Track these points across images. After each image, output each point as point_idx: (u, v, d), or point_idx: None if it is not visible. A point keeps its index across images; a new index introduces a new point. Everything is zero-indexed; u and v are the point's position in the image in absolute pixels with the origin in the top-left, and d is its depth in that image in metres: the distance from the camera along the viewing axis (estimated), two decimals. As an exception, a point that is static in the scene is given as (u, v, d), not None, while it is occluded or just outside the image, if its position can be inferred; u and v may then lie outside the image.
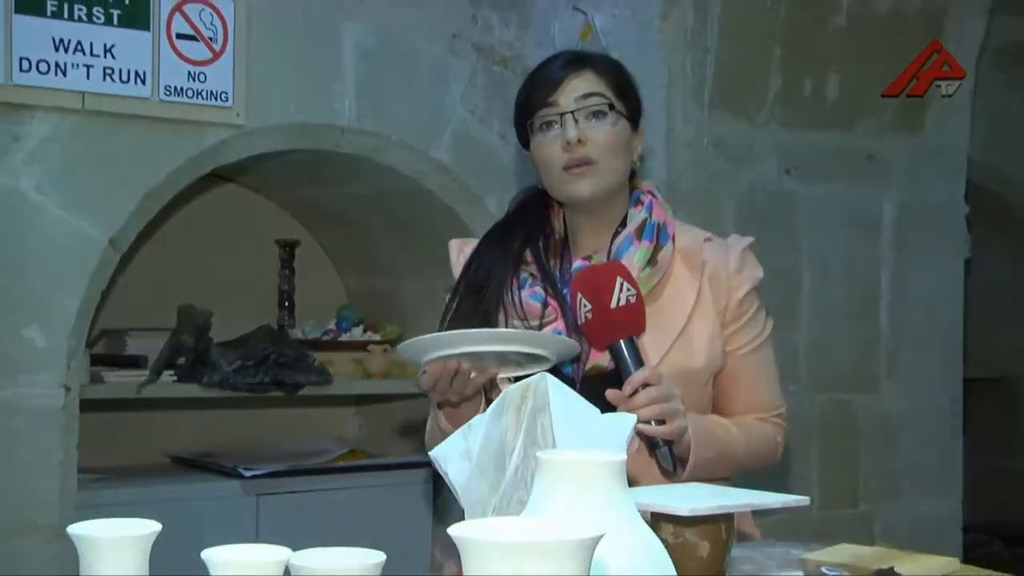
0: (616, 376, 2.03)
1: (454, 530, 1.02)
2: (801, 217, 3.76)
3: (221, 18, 3.50)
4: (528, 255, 2.26)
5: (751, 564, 1.89)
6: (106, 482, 3.82)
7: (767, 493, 1.83)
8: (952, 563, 1.74)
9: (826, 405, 3.80)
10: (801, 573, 1.82)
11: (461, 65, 3.88)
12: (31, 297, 3.31)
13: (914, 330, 3.98)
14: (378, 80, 3.77)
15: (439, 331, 2.18)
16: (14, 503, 3.28)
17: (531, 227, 2.30)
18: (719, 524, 1.65)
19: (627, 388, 1.95)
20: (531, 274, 2.24)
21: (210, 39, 3.49)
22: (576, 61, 2.23)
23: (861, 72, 3.81)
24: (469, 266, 2.31)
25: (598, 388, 1.97)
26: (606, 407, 1.88)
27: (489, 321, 2.20)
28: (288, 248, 4.51)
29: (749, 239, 2.31)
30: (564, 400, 1.51)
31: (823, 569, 1.80)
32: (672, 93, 3.51)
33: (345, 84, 3.71)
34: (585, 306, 2.03)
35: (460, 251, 2.37)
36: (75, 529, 1.11)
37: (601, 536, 1.00)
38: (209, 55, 3.49)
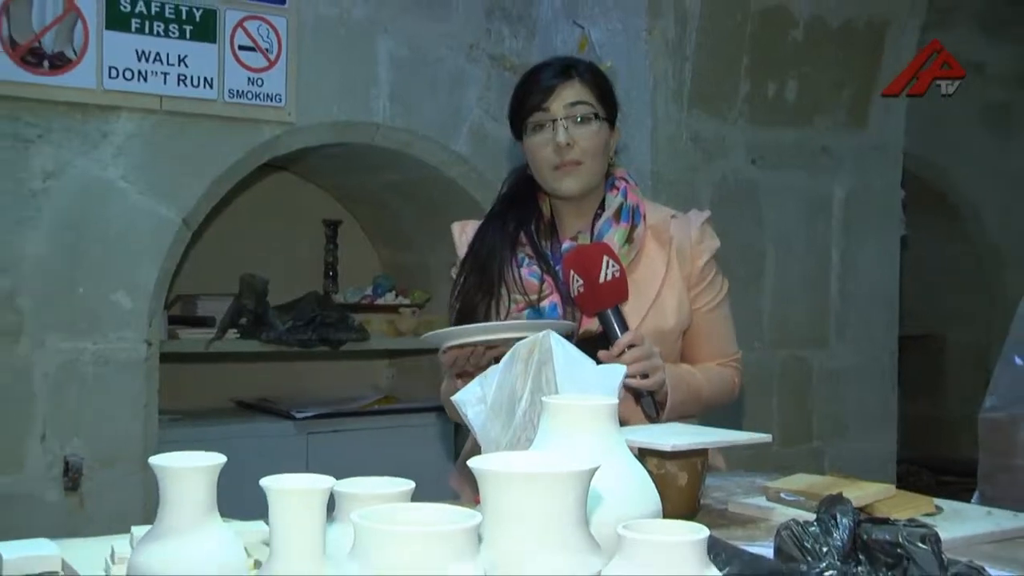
0: (603, 339, 2.05)
1: (473, 463, 1.02)
2: (765, 201, 3.76)
3: (276, 33, 3.51)
4: (522, 237, 2.25)
5: (721, 491, 1.89)
6: (181, 422, 3.83)
7: (736, 431, 1.84)
8: (889, 489, 1.75)
9: (785, 360, 3.80)
10: (764, 498, 1.81)
11: (477, 71, 3.87)
12: (118, 267, 3.33)
13: (858, 296, 3.98)
14: (407, 85, 3.77)
15: (450, 304, 2.27)
16: (106, 439, 3.31)
17: (522, 211, 2.28)
18: (695, 458, 1.64)
19: (615, 349, 1.98)
20: (527, 254, 2.23)
21: (266, 50, 3.50)
22: (565, 71, 2.21)
23: (816, 77, 3.80)
24: (472, 247, 2.30)
25: (589, 350, 1.91)
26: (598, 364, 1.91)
27: (494, 297, 2.21)
28: (332, 227, 4.51)
29: (706, 213, 2.32)
30: (565, 354, 1.50)
31: (782, 495, 1.79)
32: (656, 95, 3.50)
33: (379, 88, 3.71)
34: (577, 281, 2.05)
35: (462, 232, 2.38)
36: (155, 460, 1.11)
37: (597, 468, 1.00)
38: (266, 63, 3.49)
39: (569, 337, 2.05)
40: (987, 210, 5.24)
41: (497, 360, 2.06)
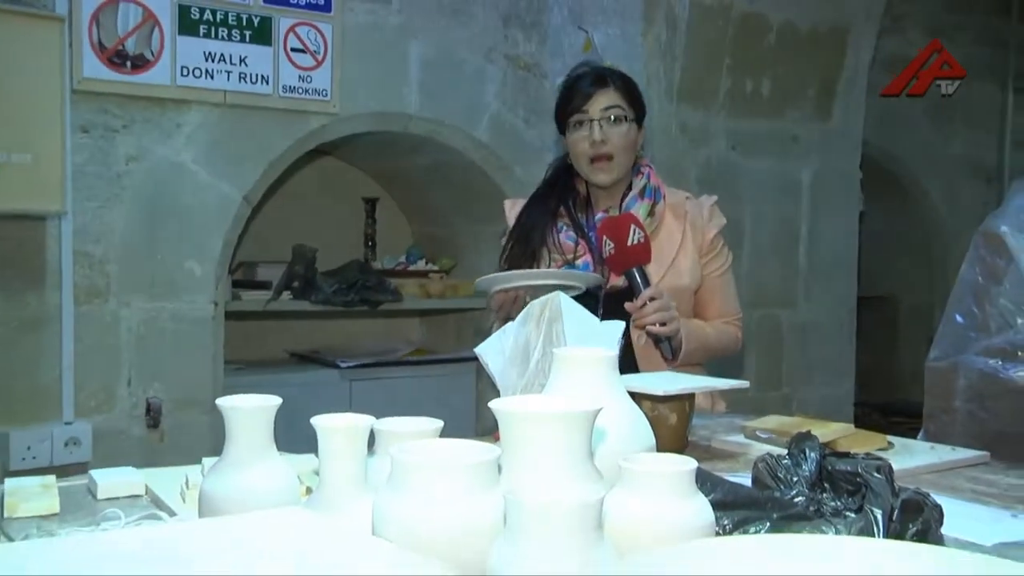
0: (627, 294, 2.14)
1: (494, 404, 1.02)
2: (743, 182, 3.75)
3: (323, 37, 3.50)
4: (562, 210, 2.34)
5: (706, 430, 1.89)
6: (243, 371, 3.83)
7: (718, 379, 1.83)
8: (848, 427, 1.76)
9: (760, 318, 3.80)
10: (742, 436, 1.80)
11: (495, 70, 3.85)
12: (189, 238, 3.34)
13: (822, 263, 3.97)
14: (435, 81, 3.75)
15: (499, 267, 2.34)
16: (181, 384, 3.33)
17: (562, 190, 2.37)
18: (684, 401, 1.64)
19: (639, 301, 2.07)
20: (565, 223, 2.33)
21: (314, 52, 3.49)
22: (601, 80, 2.28)
23: (787, 75, 3.78)
24: (519, 219, 2.38)
25: (615, 302, 2.13)
26: (622, 315, 2.01)
27: (536, 259, 2.30)
28: (371, 203, 4.50)
29: (714, 197, 2.41)
30: (572, 312, 1.50)
31: (758, 433, 1.79)
32: (649, 91, 3.48)
33: (411, 84, 3.70)
34: (609, 244, 2.12)
35: (512, 207, 2.45)
36: (222, 401, 1.12)
37: (599, 409, 1.00)
38: (314, 63, 3.49)
39: (597, 288, 2.17)
40: (932, 190, 5.23)
41: None
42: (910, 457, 1.66)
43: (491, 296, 2.15)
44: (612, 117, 2.24)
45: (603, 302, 2.20)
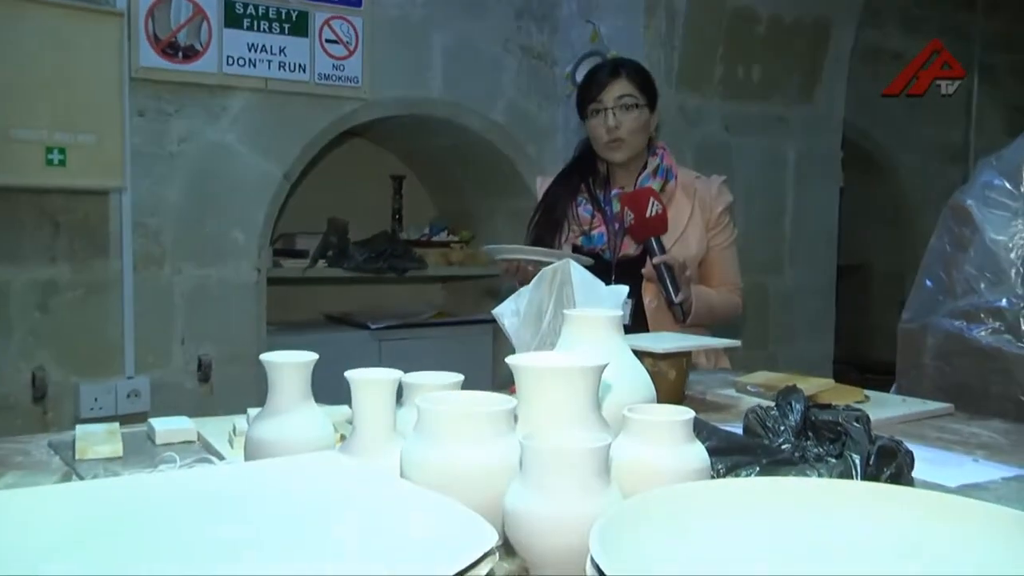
0: (638, 261, 2.21)
1: (511, 359, 1.02)
2: (735, 159, 3.72)
3: (354, 29, 3.48)
4: (582, 187, 2.36)
5: (701, 385, 1.88)
6: (283, 331, 3.83)
7: (713, 338, 1.82)
8: (829, 382, 1.76)
9: (749, 284, 3.73)
10: (734, 390, 1.80)
11: (510, 59, 3.83)
12: (235, 211, 3.34)
13: (806, 234, 3.95)
14: (455, 69, 3.73)
15: (526, 233, 2.40)
16: (228, 342, 3.34)
17: (584, 170, 2.39)
18: (682, 358, 1.63)
19: (655, 262, 2.10)
20: (585, 198, 2.34)
21: (347, 43, 3.47)
22: (615, 71, 2.30)
23: (775, 63, 3.75)
24: (546, 193, 2.41)
25: (626, 268, 2.18)
26: (634, 280, 2.09)
27: (559, 228, 2.34)
28: (398, 181, 4.49)
29: (723, 177, 2.41)
30: (580, 277, 1.49)
31: (748, 386, 1.78)
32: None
33: (434, 71, 3.68)
34: (629, 215, 2.16)
35: (543, 183, 2.47)
36: (265, 357, 1.12)
37: (605, 365, 0.99)
38: (346, 53, 3.46)
39: (595, 258, 2.21)
40: (904, 167, 5.22)
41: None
42: (884, 409, 1.66)
43: (498, 262, 2.21)
44: (624, 105, 2.26)
45: (615, 268, 2.24)
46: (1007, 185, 2.80)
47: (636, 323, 2.14)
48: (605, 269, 2.22)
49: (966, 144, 5.25)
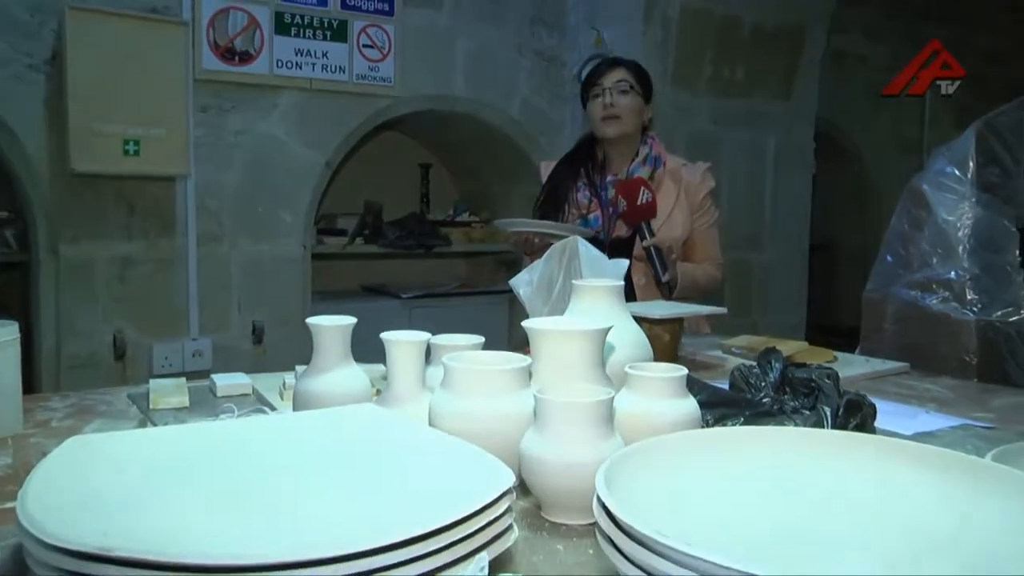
0: (629, 242, 2.15)
1: (526, 323, 1.01)
2: (723, 150, 3.70)
3: (387, 35, 3.45)
4: (582, 173, 2.30)
5: (692, 347, 1.88)
6: (326, 299, 3.84)
7: (703, 306, 1.81)
8: (803, 345, 1.75)
9: (734, 260, 3.76)
10: (720, 351, 1.79)
11: (524, 61, 3.80)
12: (284, 195, 3.33)
13: (783, 215, 3.93)
14: (476, 70, 3.70)
15: (532, 212, 2.32)
16: (278, 309, 3.35)
17: (583, 157, 2.33)
18: (675, 323, 1.62)
19: (645, 245, 2.04)
20: (583, 183, 2.28)
21: (381, 47, 3.44)
22: (613, 62, 2.27)
23: (757, 64, 3.71)
24: (550, 178, 2.35)
25: (618, 249, 2.09)
26: (625, 258, 1.98)
27: (560, 210, 2.27)
28: (425, 168, 4.47)
29: (707, 164, 2.35)
30: (587, 251, 1.48)
31: (733, 349, 1.77)
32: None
33: (457, 72, 3.65)
34: (622, 202, 2.10)
35: (547, 168, 2.40)
36: (311, 320, 1.12)
37: (609, 328, 0.99)
38: (380, 56, 3.44)
39: (592, 239, 2.10)
40: (868, 156, 5.20)
41: (543, 249, 2.10)
42: (850, 367, 1.66)
43: (509, 234, 2.18)
44: (621, 89, 2.21)
45: (609, 248, 2.17)
46: (956, 172, 2.78)
47: (626, 299, 2.12)
48: (600, 250, 2.18)
49: (921, 138, 5.22)
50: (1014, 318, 2.67)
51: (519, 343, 1.99)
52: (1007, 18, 5.35)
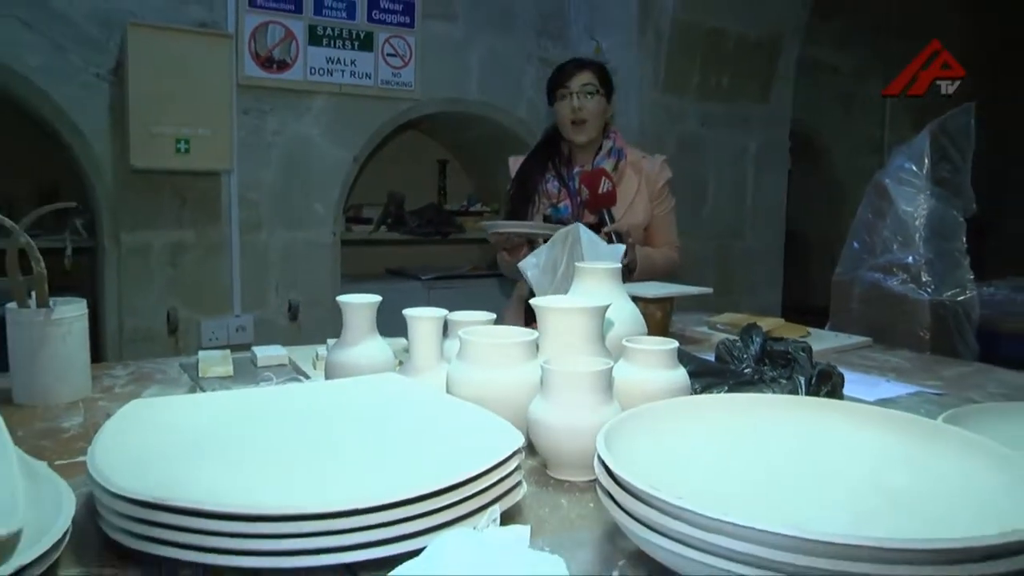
0: (596, 228, 1.92)
1: (534, 301, 1.01)
2: (708, 150, 3.65)
3: (409, 45, 3.41)
4: (550, 165, 2.19)
5: (681, 323, 1.87)
6: (353, 281, 3.81)
7: (690, 286, 1.79)
8: (780, 321, 1.76)
9: (719, 247, 3.75)
10: (706, 327, 1.78)
11: (531, 68, 3.75)
12: (316, 188, 3.31)
13: (762, 207, 3.89)
14: (488, 76, 3.66)
15: (504, 205, 2.21)
16: (311, 290, 3.33)
17: (551, 151, 2.21)
18: (666, 301, 1.61)
19: (605, 231, 1.91)
20: (552, 175, 2.17)
21: (403, 55, 3.41)
22: (581, 65, 2.14)
23: (740, 72, 3.66)
24: (519, 172, 2.24)
25: None
26: None
27: (531, 201, 2.15)
28: (442, 163, 4.44)
29: (664, 156, 2.22)
30: (588, 237, 1.47)
31: (718, 325, 1.76)
32: (642, 83, 3.43)
33: (471, 78, 3.61)
34: (585, 191, 1.99)
35: (515, 163, 2.28)
36: (341, 298, 1.11)
37: (608, 306, 0.99)
38: (402, 63, 3.41)
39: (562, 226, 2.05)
40: (837, 156, 5.15)
41: (519, 247, 2.05)
42: (821, 342, 1.65)
43: (490, 236, 2.03)
44: (587, 91, 2.08)
45: None
46: (914, 168, 2.77)
47: None
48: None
49: (882, 138, 5.18)
50: (961, 298, 2.67)
51: (527, 320, 1.96)
52: (958, 30, 5.31)
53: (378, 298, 1.13)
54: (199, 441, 0.77)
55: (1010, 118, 5.05)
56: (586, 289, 1.12)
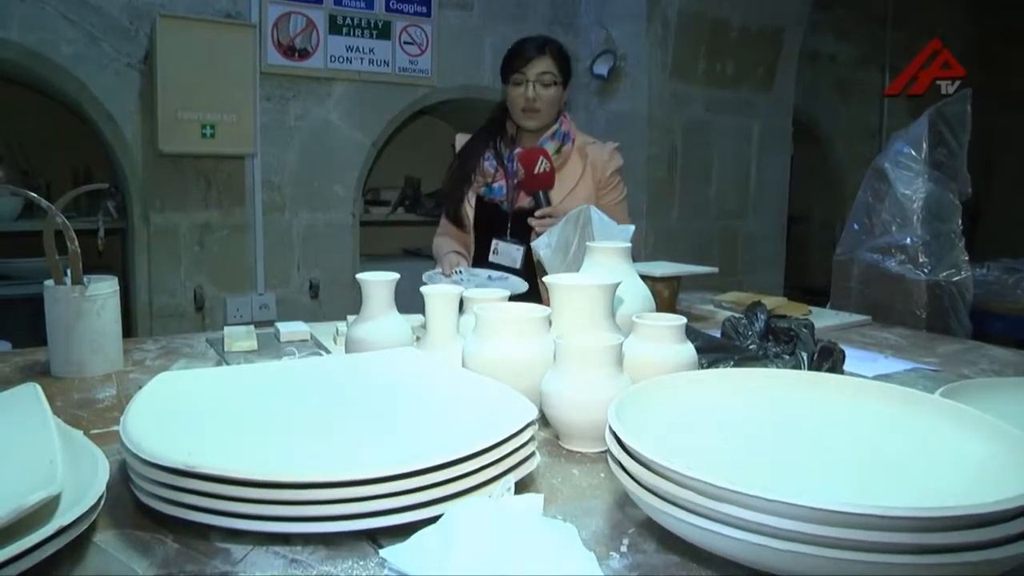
0: (531, 212, 1.84)
1: (546, 279, 1.00)
2: (714, 134, 3.62)
3: (425, 33, 3.38)
4: (491, 144, 1.99)
5: (688, 301, 1.86)
6: (372, 260, 3.81)
7: (696, 266, 1.78)
8: (783, 300, 1.74)
9: (722, 228, 3.73)
10: (712, 305, 1.77)
11: (542, 58, 3.72)
12: (336, 171, 3.29)
13: (765, 191, 3.85)
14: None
15: (444, 181, 2.10)
16: (332, 268, 3.32)
17: (496, 130, 2.01)
18: (674, 280, 1.60)
19: (538, 214, 1.80)
20: (492, 154, 1.97)
21: (419, 44, 3.37)
22: (540, 48, 1.91)
23: (744, 59, 3.61)
24: (462, 149, 2.06)
25: (522, 217, 1.85)
26: (524, 229, 1.83)
27: (466, 179, 2.01)
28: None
29: (616, 144, 2.00)
30: (598, 218, 1.46)
31: (723, 303, 1.75)
32: (651, 70, 3.39)
33: (485, 65, 3.57)
34: (521, 170, 1.86)
35: (461, 140, 2.11)
36: (360, 276, 1.11)
37: (618, 283, 0.98)
38: (419, 51, 3.38)
39: (494, 208, 1.94)
40: (837, 141, 5.10)
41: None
42: (822, 319, 1.64)
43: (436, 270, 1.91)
44: (544, 82, 1.89)
45: (511, 217, 1.93)
46: (912, 152, 2.74)
47: (526, 267, 1.86)
48: (503, 219, 1.93)
49: (880, 124, 5.13)
50: (956, 278, 2.66)
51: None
52: (954, 21, 5.23)
53: (396, 275, 1.12)
54: (225, 412, 0.77)
55: (1000, 105, 4.99)
56: (597, 267, 1.11)
